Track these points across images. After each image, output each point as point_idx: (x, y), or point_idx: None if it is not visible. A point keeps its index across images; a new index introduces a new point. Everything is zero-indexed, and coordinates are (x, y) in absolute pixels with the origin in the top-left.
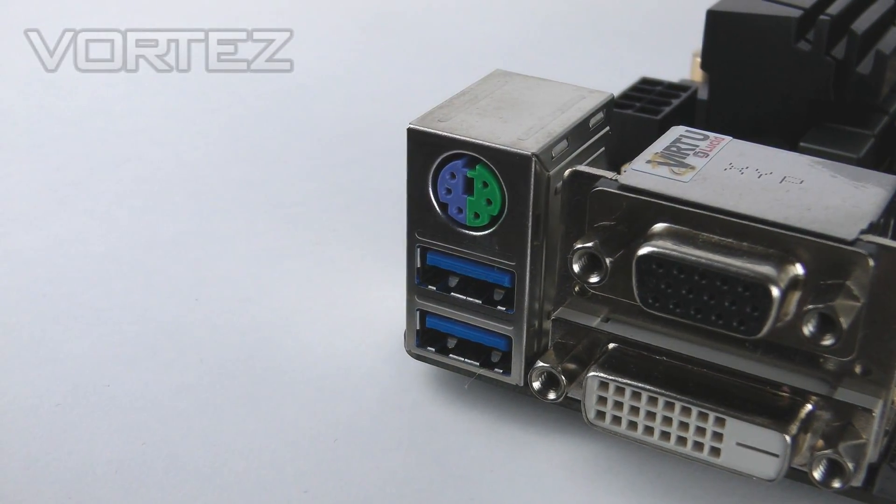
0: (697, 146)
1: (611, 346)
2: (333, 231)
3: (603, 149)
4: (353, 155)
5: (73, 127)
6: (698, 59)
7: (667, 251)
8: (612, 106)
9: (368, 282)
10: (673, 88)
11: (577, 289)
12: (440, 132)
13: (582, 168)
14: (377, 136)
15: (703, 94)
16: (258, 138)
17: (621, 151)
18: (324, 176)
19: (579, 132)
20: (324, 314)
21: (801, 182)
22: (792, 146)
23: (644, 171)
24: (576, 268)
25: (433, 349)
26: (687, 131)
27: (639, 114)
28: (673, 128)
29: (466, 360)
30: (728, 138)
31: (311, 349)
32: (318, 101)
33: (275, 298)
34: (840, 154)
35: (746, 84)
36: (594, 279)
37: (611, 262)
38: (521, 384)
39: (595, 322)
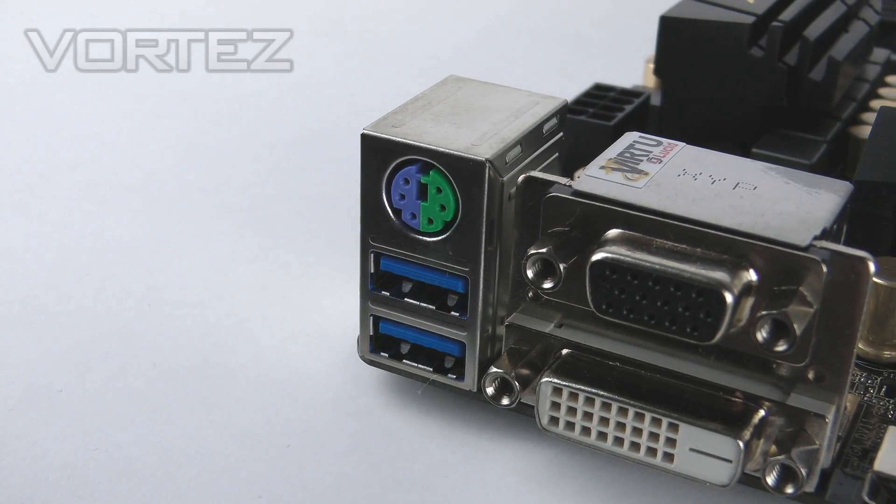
0: (651, 152)
1: (564, 351)
2: (288, 236)
3: (556, 155)
4: (308, 160)
5: (34, 129)
6: (651, 65)
7: (620, 257)
8: (566, 112)
9: (322, 287)
10: (626, 94)
11: (530, 294)
12: (394, 137)
13: (536, 174)
14: (331, 141)
15: (656, 101)
16: (221, 142)
17: (575, 157)
18: (278, 181)
19: (533, 138)
20: (277, 319)
21: (754, 188)
22: (745, 152)
23: (597, 177)
24: (530, 273)
25: (386, 355)
26: (640, 137)
27: (592, 120)
28: (626, 133)
29: (420, 365)
30: (681, 144)
31: (265, 354)
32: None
33: (228, 303)
34: (793, 160)
35: (699, 90)
36: (548, 285)
37: (564, 267)
38: (475, 390)
39: (549, 328)
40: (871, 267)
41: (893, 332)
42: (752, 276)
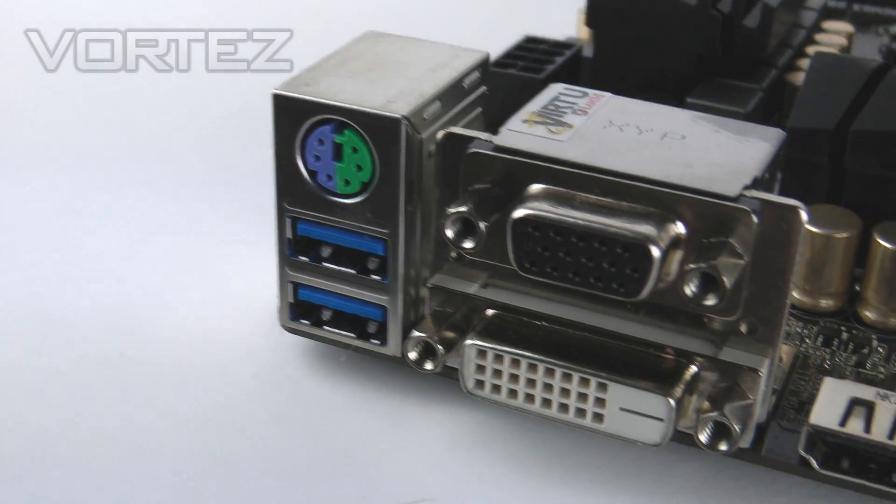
0: (576, 104)
1: (489, 312)
2: (208, 204)
3: (479, 110)
4: (223, 125)
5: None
6: (583, 16)
7: (542, 213)
8: (488, 65)
9: (242, 256)
10: (557, 47)
11: (453, 255)
12: (306, 97)
13: (455, 130)
14: (247, 105)
15: (588, 52)
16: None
17: (504, 113)
18: (197, 149)
19: (453, 93)
20: (197, 290)
21: (682, 138)
22: (679, 102)
23: (519, 131)
24: (449, 233)
25: (308, 322)
26: (566, 89)
27: (522, 73)
28: (551, 85)
29: (342, 331)
30: (608, 95)
31: (185, 327)
32: None
33: (147, 275)
34: (727, 109)
35: (632, 40)
36: (469, 245)
37: (486, 226)
38: (399, 355)
39: (473, 288)
40: (803, 216)
41: (830, 281)
42: (679, 228)
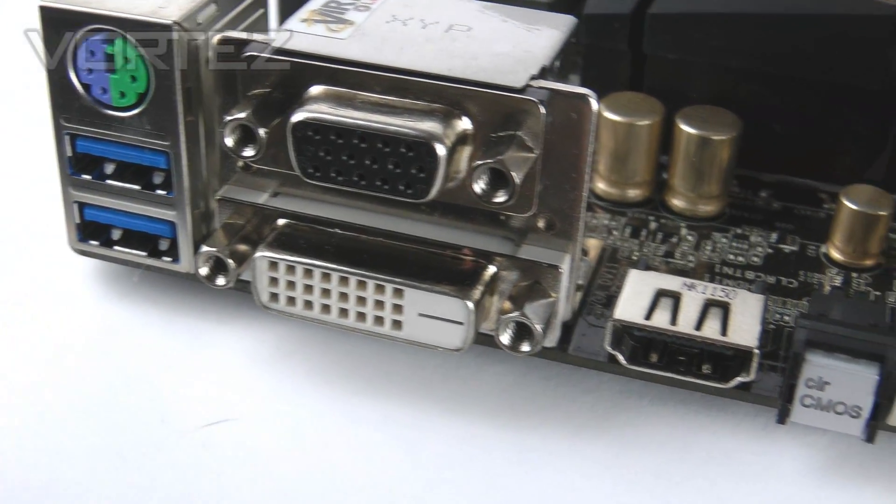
0: (359, 0)
1: (281, 222)
2: None
3: (263, 11)
4: None
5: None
6: None
7: (321, 115)
8: None
9: (25, 181)
10: None
11: (240, 164)
12: (72, 7)
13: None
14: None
15: None
16: None
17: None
18: None
19: None
20: None
21: (468, 30)
22: None
23: (298, 31)
24: (229, 142)
25: (97, 243)
26: None
27: None
28: None
29: (133, 250)
30: None
31: None
32: None
33: None
34: None
35: None
36: (249, 153)
37: (265, 132)
38: (193, 271)
39: (262, 198)
40: (594, 104)
41: (635, 170)
42: (466, 124)
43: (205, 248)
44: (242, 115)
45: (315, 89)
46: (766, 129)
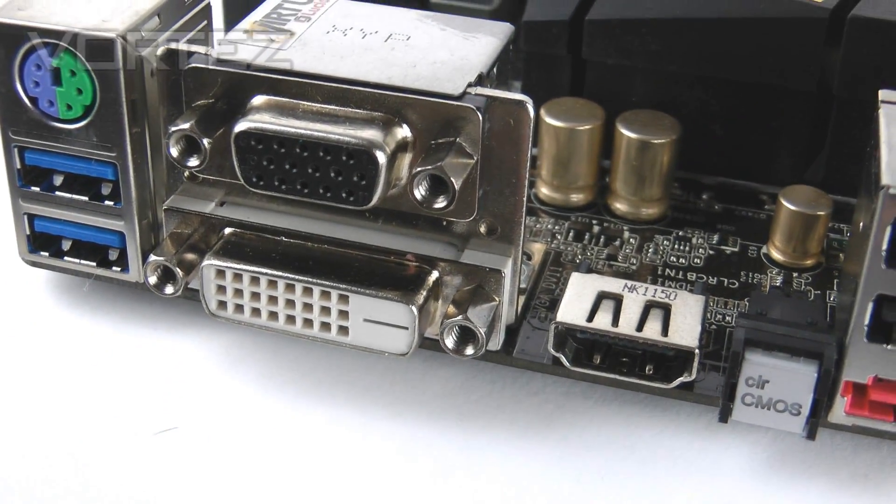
0: (300, 10)
1: (227, 231)
2: None
3: (205, 22)
4: None
5: None
6: None
7: (263, 125)
8: None
9: None
10: None
11: (186, 175)
12: (17, 21)
13: (174, 45)
14: None
15: None
16: None
17: None
18: None
19: (173, 7)
20: None
21: (407, 39)
22: (423, 4)
23: (239, 42)
24: (173, 152)
25: (47, 254)
26: None
27: None
28: None
29: (83, 261)
30: None
31: None
32: None
33: None
34: (472, 7)
35: None
36: (193, 163)
37: (209, 142)
38: (142, 281)
39: (209, 208)
40: (530, 110)
41: (578, 175)
42: (405, 131)
43: (153, 258)
44: (186, 125)
45: (258, 99)
46: (706, 132)
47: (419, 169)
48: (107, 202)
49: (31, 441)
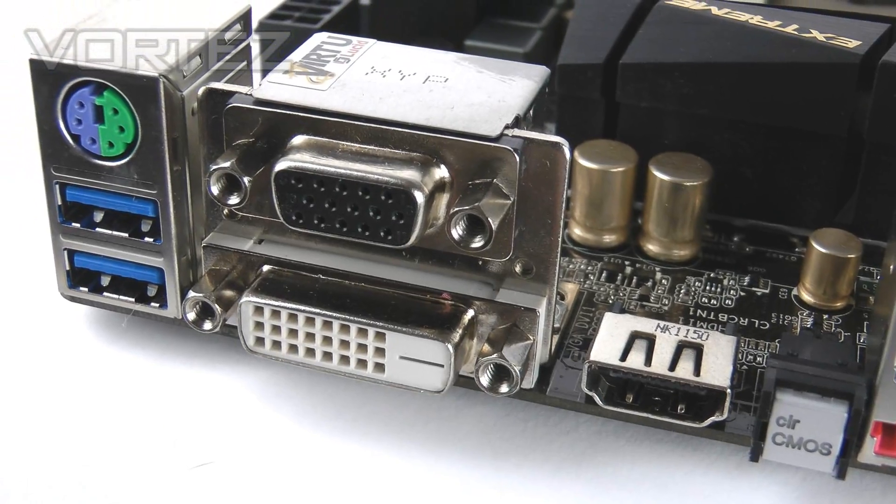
0: (339, 52)
1: (265, 268)
2: None
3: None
4: None
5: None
6: None
7: (304, 164)
8: (249, 17)
9: (18, 225)
10: None
11: (225, 212)
12: (62, 60)
13: (216, 85)
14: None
15: (365, 0)
16: None
17: None
18: None
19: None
20: None
21: (445, 80)
22: (459, 46)
23: (280, 83)
24: (214, 190)
25: (86, 289)
26: (329, 37)
27: (298, 24)
28: (314, 34)
29: (121, 296)
30: (372, 41)
31: None
32: None
33: None
34: (507, 49)
35: None
36: (234, 201)
37: (249, 181)
38: (180, 317)
39: (247, 245)
40: (566, 152)
41: (611, 216)
42: (443, 172)
43: (192, 294)
44: (227, 164)
45: (297, 139)
46: (738, 175)
47: (457, 209)
48: (146, 239)
49: (68, 475)
